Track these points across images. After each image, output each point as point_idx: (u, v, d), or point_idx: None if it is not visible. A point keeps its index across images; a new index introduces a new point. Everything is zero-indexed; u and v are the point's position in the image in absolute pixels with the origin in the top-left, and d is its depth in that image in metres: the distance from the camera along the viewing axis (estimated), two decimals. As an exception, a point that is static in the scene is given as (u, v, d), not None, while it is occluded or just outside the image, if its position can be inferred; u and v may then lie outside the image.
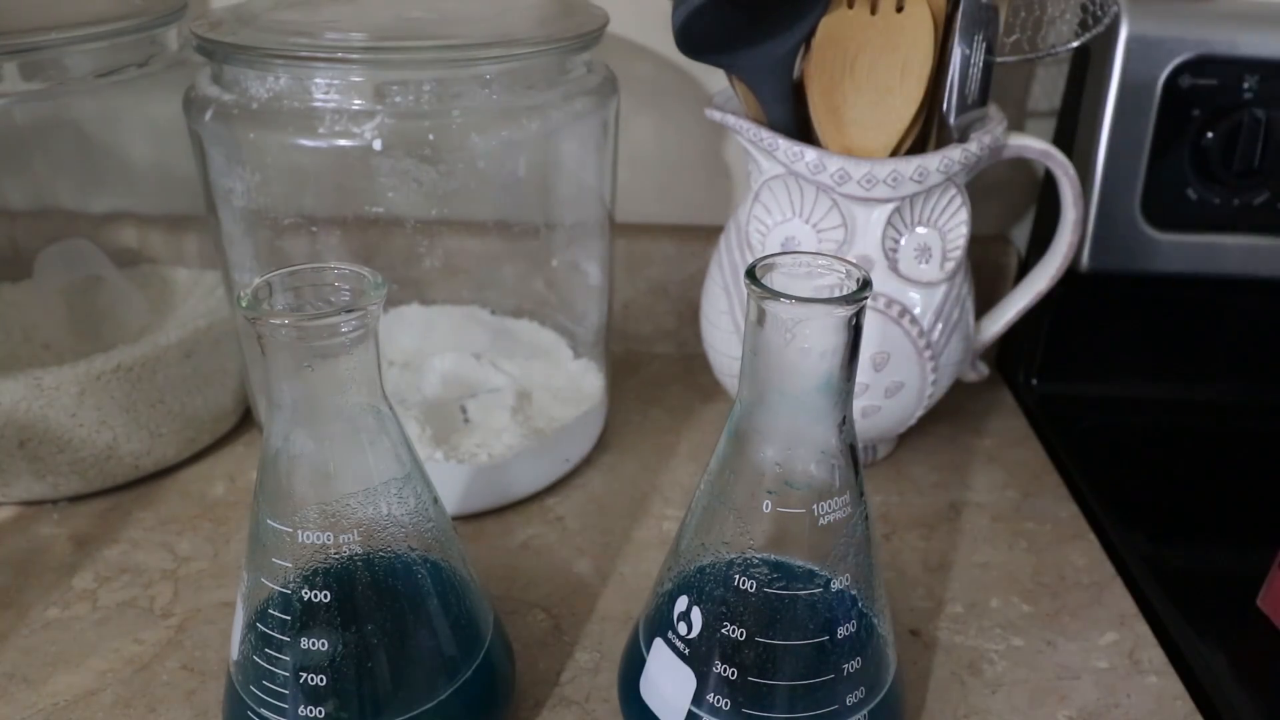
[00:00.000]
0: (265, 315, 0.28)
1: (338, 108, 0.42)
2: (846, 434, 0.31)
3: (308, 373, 0.29)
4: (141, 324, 0.55)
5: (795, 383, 0.30)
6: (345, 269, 0.30)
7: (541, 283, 0.59)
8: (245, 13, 0.47)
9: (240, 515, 0.50)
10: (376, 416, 0.32)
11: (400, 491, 0.33)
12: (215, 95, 0.45)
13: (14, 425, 0.48)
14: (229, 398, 0.55)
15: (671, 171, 0.64)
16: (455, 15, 0.47)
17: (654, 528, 0.49)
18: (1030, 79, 0.62)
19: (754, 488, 0.31)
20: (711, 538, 0.33)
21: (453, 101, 0.43)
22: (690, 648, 0.33)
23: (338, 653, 0.31)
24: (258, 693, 0.32)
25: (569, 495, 0.52)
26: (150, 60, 0.50)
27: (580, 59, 0.48)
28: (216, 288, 0.56)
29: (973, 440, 0.58)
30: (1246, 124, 0.53)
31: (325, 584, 0.31)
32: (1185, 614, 0.44)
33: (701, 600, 0.33)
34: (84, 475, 0.50)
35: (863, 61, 0.44)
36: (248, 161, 0.46)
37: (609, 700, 0.39)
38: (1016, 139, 0.48)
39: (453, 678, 0.34)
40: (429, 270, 0.58)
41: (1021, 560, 0.48)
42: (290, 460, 0.31)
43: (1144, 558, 0.47)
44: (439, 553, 0.34)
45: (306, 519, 0.31)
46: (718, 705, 0.32)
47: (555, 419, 0.52)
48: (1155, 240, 0.56)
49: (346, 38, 0.42)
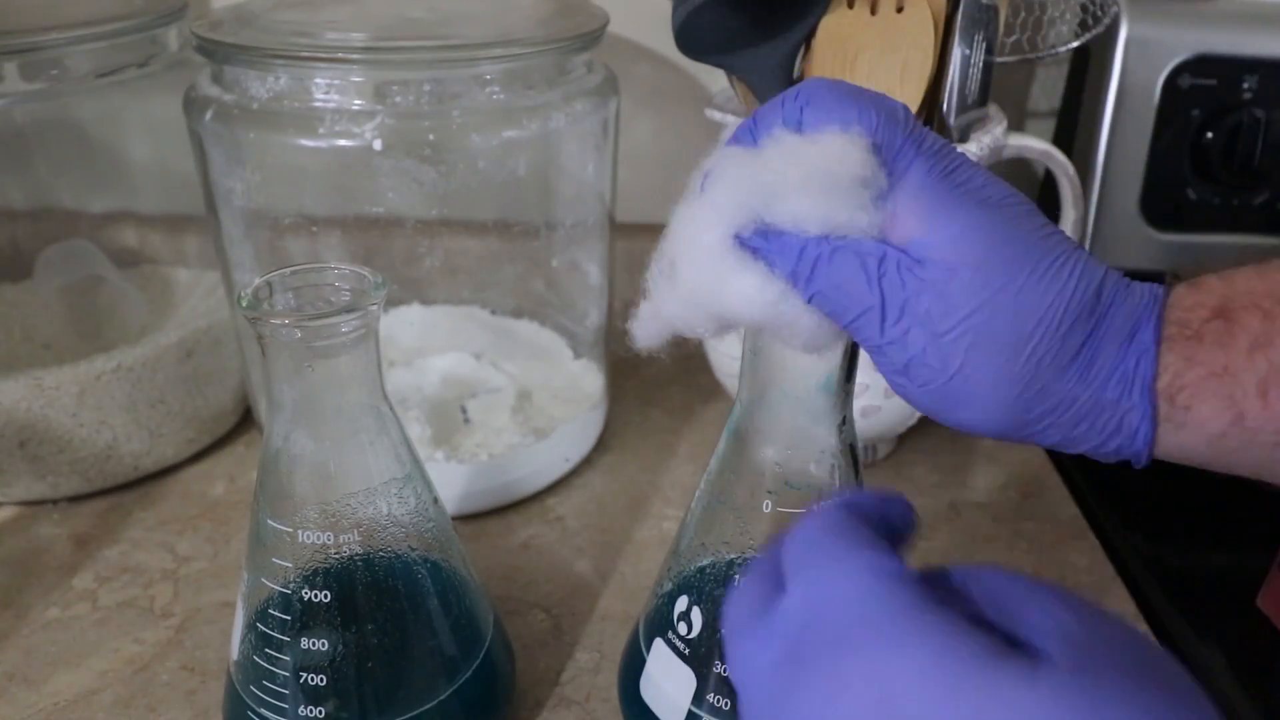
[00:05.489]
0: (265, 315, 0.28)
1: (338, 108, 0.42)
2: (846, 434, 0.31)
3: (308, 373, 0.30)
4: (141, 324, 0.55)
5: (795, 383, 0.30)
6: (345, 269, 0.30)
7: (541, 283, 0.59)
8: (245, 13, 0.47)
9: (240, 515, 0.50)
10: (377, 416, 0.32)
11: (400, 491, 0.33)
12: (215, 95, 0.44)
13: (14, 425, 0.48)
14: (229, 398, 0.55)
15: (671, 171, 0.63)
16: (455, 15, 0.47)
17: (654, 528, 0.49)
18: (1030, 79, 0.62)
19: (754, 488, 0.31)
20: (712, 538, 0.33)
21: (453, 101, 0.43)
22: (690, 648, 0.33)
23: (338, 653, 0.31)
24: (258, 693, 0.32)
25: (569, 495, 0.52)
26: (150, 60, 0.50)
27: (580, 59, 0.48)
28: (216, 288, 0.56)
29: (973, 440, 0.58)
30: (1246, 124, 0.53)
31: (325, 584, 0.31)
32: (1185, 614, 0.44)
33: (702, 600, 0.33)
34: (84, 475, 0.50)
35: (863, 61, 0.44)
36: (248, 161, 0.46)
37: (609, 700, 0.39)
38: (1016, 139, 0.48)
39: (453, 678, 0.34)
40: (429, 270, 0.58)
41: (1021, 560, 0.48)
42: (291, 460, 0.31)
43: (1144, 558, 0.47)
44: (439, 553, 0.34)
45: (307, 519, 0.31)
46: (718, 705, 0.32)
47: (555, 419, 0.52)
48: (1155, 240, 0.56)
49: (346, 38, 0.42)
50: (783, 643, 0.20)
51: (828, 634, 0.20)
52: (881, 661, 0.18)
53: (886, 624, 0.19)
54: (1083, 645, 0.18)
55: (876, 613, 0.19)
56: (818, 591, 0.21)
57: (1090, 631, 0.18)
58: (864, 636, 0.19)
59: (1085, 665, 0.17)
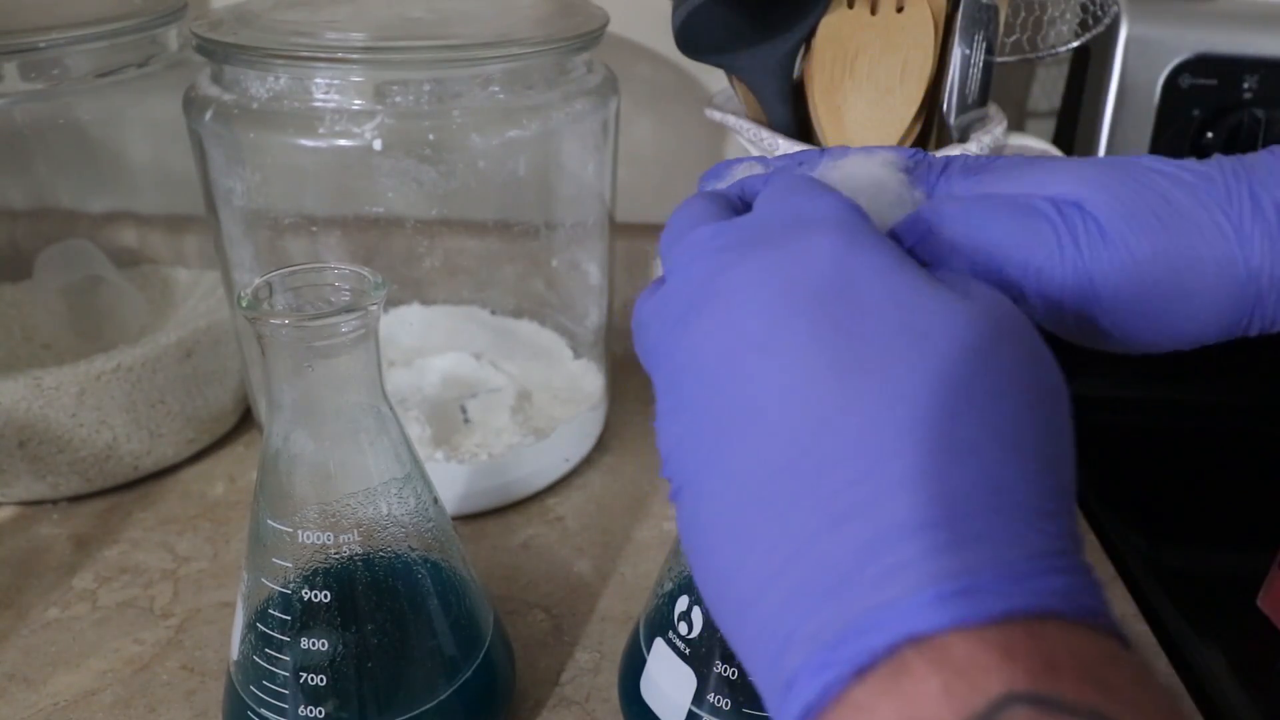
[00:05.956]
0: (265, 315, 0.28)
1: (338, 108, 0.42)
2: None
3: (308, 373, 0.30)
4: (141, 324, 0.55)
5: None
6: (345, 269, 0.30)
7: (541, 283, 0.59)
8: (245, 13, 0.47)
9: (240, 515, 0.50)
10: (377, 416, 0.32)
11: (400, 491, 0.33)
12: (215, 95, 0.44)
13: (14, 425, 0.48)
14: (229, 398, 0.55)
15: (671, 171, 0.64)
16: (455, 15, 0.47)
17: (654, 528, 0.49)
18: (1030, 79, 0.62)
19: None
20: (712, 538, 0.33)
21: (453, 101, 0.43)
22: (691, 647, 0.33)
23: (338, 653, 0.31)
24: (258, 693, 0.32)
25: (569, 495, 0.52)
26: (150, 60, 0.50)
27: (580, 59, 0.48)
28: (216, 288, 0.56)
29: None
30: (1246, 124, 0.53)
31: (325, 584, 0.31)
32: (1185, 614, 0.44)
33: (702, 600, 0.33)
34: (84, 475, 0.50)
35: (863, 61, 0.44)
36: (248, 161, 0.46)
37: (609, 700, 0.39)
38: (1016, 139, 0.48)
39: (453, 678, 0.34)
40: (429, 270, 0.58)
41: (1021, 560, 0.48)
42: (290, 460, 0.31)
43: (1144, 558, 0.47)
44: (439, 553, 0.34)
45: (307, 519, 0.31)
46: (718, 705, 0.32)
47: (555, 419, 0.52)
48: (1155, 240, 0.56)
49: (346, 38, 0.42)
50: (739, 235, 0.21)
51: (786, 223, 0.21)
52: (844, 248, 0.20)
53: (846, 223, 0.20)
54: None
55: (835, 218, 0.21)
56: (783, 206, 0.22)
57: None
58: (820, 226, 0.20)
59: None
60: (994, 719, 0.14)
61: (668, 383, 0.21)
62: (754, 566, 0.18)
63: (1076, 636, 0.16)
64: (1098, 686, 0.15)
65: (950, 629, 0.15)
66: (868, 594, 0.16)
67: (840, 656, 0.16)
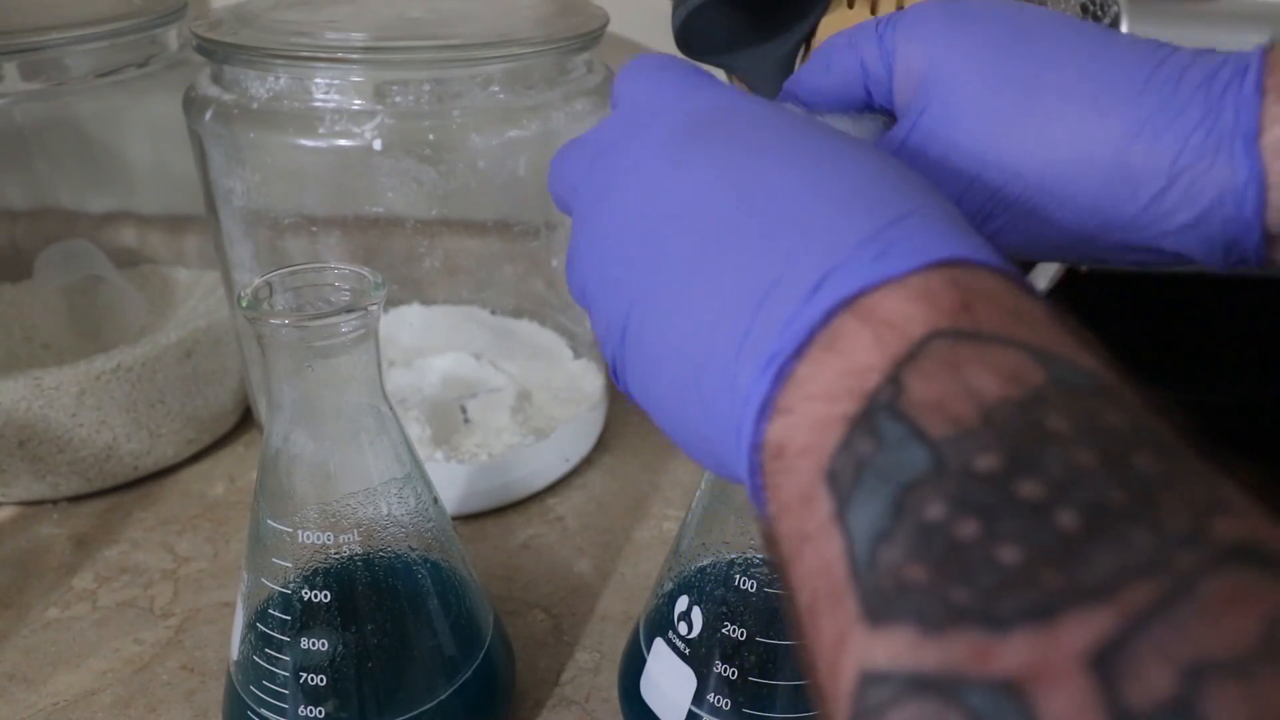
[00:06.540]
0: (265, 315, 0.28)
1: (338, 108, 0.42)
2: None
3: (308, 373, 0.30)
4: (141, 324, 0.55)
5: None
6: (345, 269, 0.30)
7: (541, 283, 0.59)
8: (245, 13, 0.47)
9: (240, 515, 0.50)
10: (377, 416, 0.32)
11: (400, 491, 0.33)
12: (215, 95, 0.44)
13: (14, 425, 0.48)
14: (229, 398, 0.55)
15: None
16: (455, 15, 0.47)
17: (654, 528, 0.49)
18: (1030, 79, 0.62)
19: (754, 487, 0.31)
20: (712, 538, 0.33)
21: (453, 101, 0.43)
22: (691, 648, 0.33)
23: (338, 653, 0.31)
24: (258, 693, 0.32)
25: (569, 495, 0.52)
26: (150, 60, 0.50)
27: (580, 59, 0.48)
28: (216, 288, 0.56)
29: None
30: (1246, 124, 0.53)
31: (325, 584, 0.31)
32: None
33: (702, 600, 0.33)
34: (84, 475, 0.50)
35: (863, 61, 0.44)
36: (248, 161, 0.46)
37: (609, 700, 0.39)
38: (1016, 139, 0.48)
39: (453, 678, 0.34)
40: (429, 270, 0.58)
41: (1021, 560, 0.48)
42: (290, 460, 0.31)
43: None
44: (439, 553, 0.34)
45: (307, 519, 0.31)
46: (718, 705, 0.32)
47: (555, 419, 0.52)
48: (1155, 240, 0.56)
49: (346, 38, 0.42)
50: (685, 119, 0.23)
51: (727, 115, 0.23)
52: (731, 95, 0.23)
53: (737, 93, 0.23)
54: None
55: (732, 90, 0.24)
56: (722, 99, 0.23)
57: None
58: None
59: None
60: (919, 355, 0.16)
61: (588, 209, 0.23)
62: (701, 330, 0.19)
63: (991, 280, 0.17)
64: (1013, 318, 0.16)
65: (875, 286, 0.17)
66: (799, 283, 0.18)
67: (780, 346, 0.17)
